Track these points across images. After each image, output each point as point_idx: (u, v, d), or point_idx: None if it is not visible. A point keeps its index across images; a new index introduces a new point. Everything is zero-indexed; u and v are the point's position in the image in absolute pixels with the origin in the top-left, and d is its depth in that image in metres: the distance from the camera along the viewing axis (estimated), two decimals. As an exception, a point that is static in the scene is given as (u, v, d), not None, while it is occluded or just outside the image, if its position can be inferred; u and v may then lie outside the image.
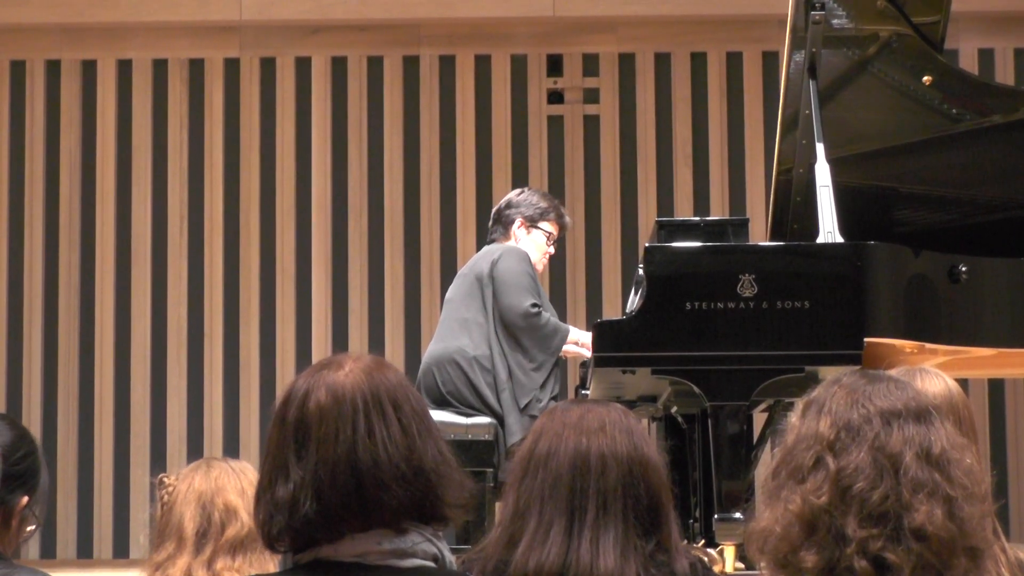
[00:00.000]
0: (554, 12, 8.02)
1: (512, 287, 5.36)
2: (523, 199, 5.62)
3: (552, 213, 5.62)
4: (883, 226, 5.22)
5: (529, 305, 5.32)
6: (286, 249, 8.05)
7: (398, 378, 1.98)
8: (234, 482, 2.72)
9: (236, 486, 2.72)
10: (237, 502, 2.69)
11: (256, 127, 8.12)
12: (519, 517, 2.18)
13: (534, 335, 5.34)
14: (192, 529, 2.68)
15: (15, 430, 2.38)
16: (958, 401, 2.52)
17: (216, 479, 2.73)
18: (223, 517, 2.68)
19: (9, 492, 2.32)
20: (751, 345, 4.46)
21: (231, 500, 2.69)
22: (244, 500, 2.68)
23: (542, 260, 5.64)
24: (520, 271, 5.38)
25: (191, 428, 7.94)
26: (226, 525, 2.67)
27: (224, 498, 2.69)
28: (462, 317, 5.44)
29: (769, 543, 1.85)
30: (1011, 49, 8.11)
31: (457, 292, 5.53)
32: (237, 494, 2.70)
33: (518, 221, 5.57)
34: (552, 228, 5.62)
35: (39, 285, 8.03)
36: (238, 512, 2.67)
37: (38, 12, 8.04)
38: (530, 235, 5.58)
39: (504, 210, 5.63)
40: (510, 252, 5.45)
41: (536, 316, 5.33)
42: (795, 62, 5.06)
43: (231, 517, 2.68)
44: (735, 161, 8.05)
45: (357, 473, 1.89)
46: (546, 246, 5.62)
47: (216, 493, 2.70)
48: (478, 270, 5.46)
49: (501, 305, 5.36)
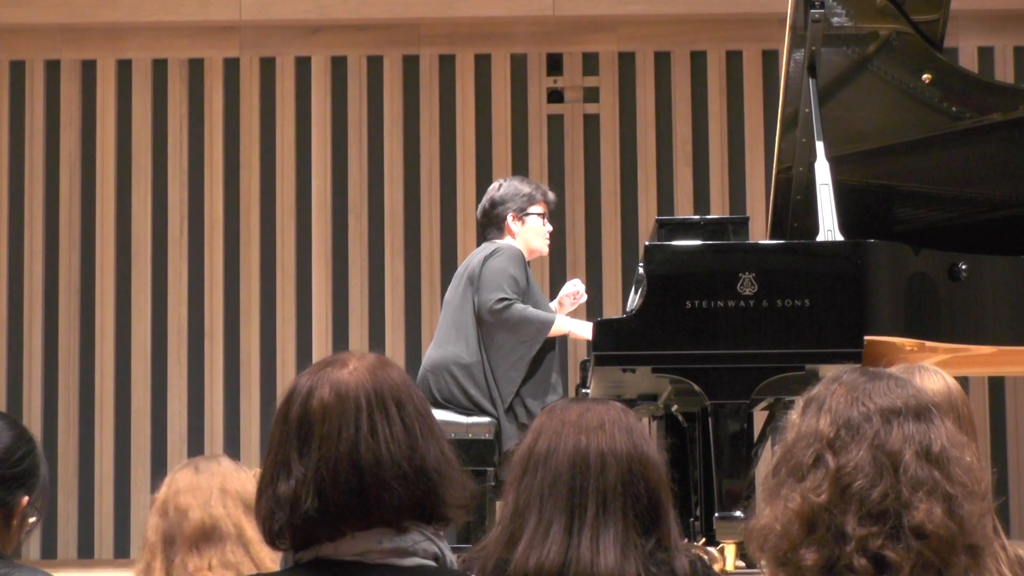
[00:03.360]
0: (554, 11, 8.03)
1: (487, 284, 5.35)
2: (506, 193, 5.59)
3: (537, 194, 5.61)
4: (883, 224, 5.23)
5: (495, 300, 5.30)
6: (286, 249, 8.05)
7: (401, 377, 1.99)
8: (189, 481, 2.74)
9: (188, 484, 2.73)
10: (188, 502, 2.71)
11: (256, 127, 8.12)
12: (519, 516, 2.18)
13: (505, 328, 5.31)
14: (156, 538, 2.73)
15: (13, 430, 2.37)
16: (958, 399, 2.52)
17: (171, 483, 2.77)
18: (177, 519, 2.70)
19: (9, 493, 2.32)
20: (751, 343, 4.46)
21: (181, 502, 2.71)
22: (196, 496, 2.71)
23: (545, 241, 5.63)
24: (502, 269, 5.36)
25: (192, 427, 7.94)
26: (182, 524, 2.70)
27: (176, 502, 2.72)
28: (458, 321, 5.43)
29: (769, 541, 1.85)
30: (1011, 47, 8.11)
31: (453, 295, 5.52)
32: (189, 494, 2.72)
33: (510, 216, 5.56)
34: (542, 208, 5.61)
35: (39, 285, 8.03)
36: (188, 511, 2.69)
37: (38, 12, 8.04)
38: (525, 225, 5.57)
39: (492, 210, 5.60)
40: (500, 251, 5.43)
41: (502, 310, 5.30)
42: (795, 60, 5.06)
43: (183, 516, 2.70)
44: (735, 160, 8.06)
45: (359, 471, 1.89)
46: (543, 227, 5.61)
47: (170, 498, 2.74)
48: (470, 270, 5.46)
49: (477, 303, 5.37)
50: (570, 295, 5.67)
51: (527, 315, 5.31)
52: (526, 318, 5.30)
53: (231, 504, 2.70)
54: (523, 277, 5.40)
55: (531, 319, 5.31)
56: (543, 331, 5.31)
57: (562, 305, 5.65)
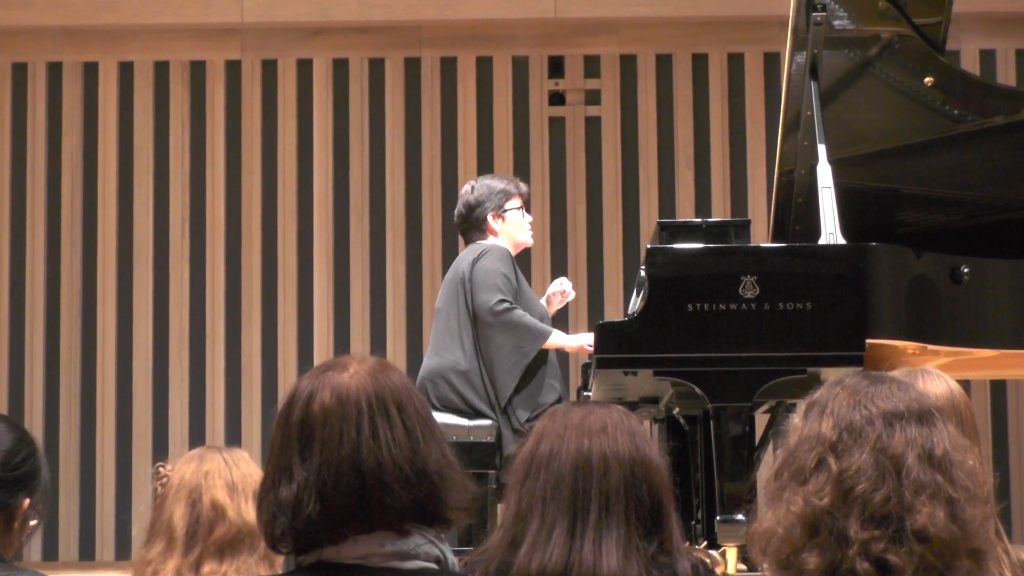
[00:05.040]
0: (555, 14, 8.03)
1: (482, 285, 5.34)
2: (481, 194, 5.57)
3: (511, 188, 5.59)
4: (885, 227, 5.22)
5: (495, 301, 5.30)
6: (288, 251, 8.05)
7: (402, 380, 1.99)
8: (225, 476, 2.63)
9: (226, 480, 2.63)
10: (225, 500, 2.61)
11: (257, 129, 8.12)
12: (521, 519, 2.18)
13: (504, 330, 5.30)
14: (182, 528, 2.61)
15: (13, 432, 2.37)
16: (960, 402, 2.52)
17: (207, 473, 2.64)
18: (211, 516, 2.60)
19: (10, 496, 2.32)
20: (753, 346, 4.46)
21: (218, 498, 2.61)
22: (233, 497, 2.61)
23: (528, 232, 5.62)
24: (494, 270, 5.35)
25: (193, 430, 7.94)
26: (214, 525, 2.60)
27: (212, 496, 2.62)
28: (452, 328, 5.42)
29: (771, 544, 1.85)
30: (1012, 50, 8.11)
31: (445, 302, 5.49)
32: (226, 490, 2.62)
33: (489, 216, 5.55)
34: (519, 201, 5.60)
35: (41, 287, 8.04)
36: (226, 512, 2.60)
37: (40, 14, 8.05)
38: (506, 221, 5.56)
39: (470, 214, 5.57)
40: (484, 252, 5.42)
41: (503, 311, 5.29)
42: (796, 63, 5.06)
43: (219, 517, 2.60)
44: (737, 162, 8.06)
45: (361, 475, 1.89)
46: (524, 219, 5.60)
47: (205, 490, 2.62)
48: (459, 274, 5.44)
49: (473, 305, 5.36)
50: (557, 293, 5.66)
51: (527, 321, 5.31)
52: (526, 324, 5.30)
53: None
54: (513, 275, 5.40)
55: (530, 326, 5.31)
56: (539, 341, 5.31)
57: (550, 303, 5.65)
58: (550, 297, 5.66)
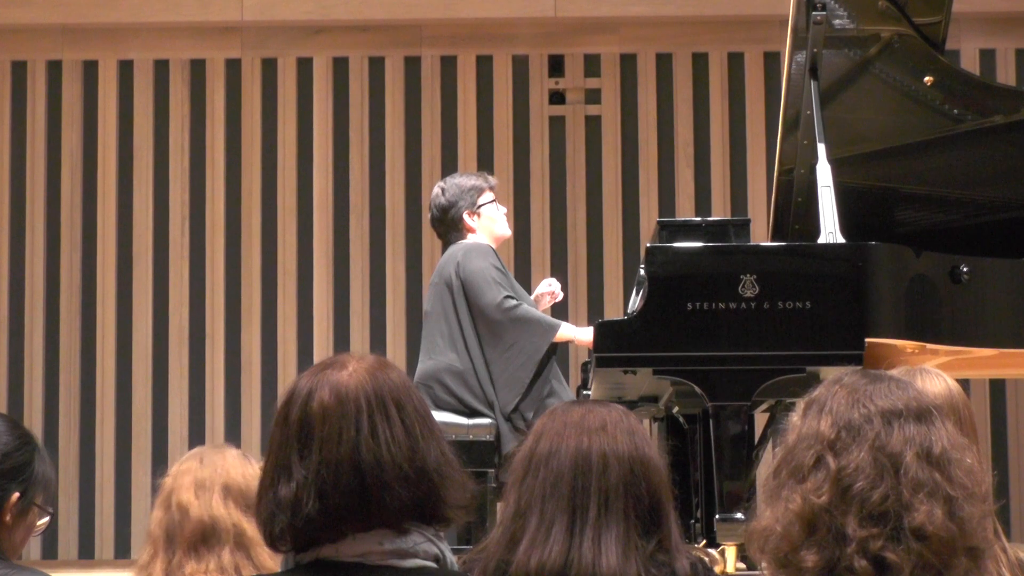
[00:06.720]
0: (555, 13, 8.03)
1: (481, 285, 5.32)
2: (452, 195, 5.53)
3: (481, 183, 5.57)
4: (884, 226, 5.23)
5: (503, 298, 5.29)
6: (287, 249, 8.05)
7: (401, 378, 1.99)
8: (195, 475, 2.64)
9: (195, 479, 2.63)
10: (189, 499, 2.61)
11: (257, 128, 8.12)
12: (520, 516, 2.18)
13: (516, 326, 5.28)
14: (160, 533, 2.64)
15: (2, 424, 2.36)
16: (959, 401, 2.52)
17: (178, 474, 2.66)
18: (179, 518, 2.61)
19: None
20: (752, 345, 4.46)
21: (183, 499, 2.62)
22: (199, 495, 2.62)
23: (506, 223, 5.61)
24: (485, 268, 5.34)
25: (192, 428, 7.94)
26: (183, 526, 2.60)
27: (178, 497, 2.63)
28: (443, 330, 5.40)
29: (770, 542, 1.85)
30: (1012, 50, 8.11)
31: (433, 305, 5.46)
32: (193, 489, 2.62)
33: (465, 215, 5.53)
34: (491, 195, 5.59)
35: (40, 285, 8.04)
36: (189, 510, 2.60)
37: (39, 13, 8.05)
38: (482, 217, 5.55)
39: (445, 216, 5.52)
40: (469, 252, 5.39)
41: (512, 308, 5.28)
42: (796, 63, 5.06)
43: (184, 517, 2.60)
44: (736, 162, 8.06)
45: (360, 473, 1.90)
46: (499, 212, 5.59)
47: (174, 491, 2.64)
48: (446, 276, 5.41)
49: (478, 307, 5.32)
50: (545, 295, 5.65)
51: (536, 315, 5.32)
52: (536, 319, 5.30)
53: (232, 503, 2.61)
54: (502, 270, 5.40)
55: (540, 319, 5.31)
56: (550, 333, 5.29)
57: (539, 303, 5.64)
58: (539, 297, 5.65)
